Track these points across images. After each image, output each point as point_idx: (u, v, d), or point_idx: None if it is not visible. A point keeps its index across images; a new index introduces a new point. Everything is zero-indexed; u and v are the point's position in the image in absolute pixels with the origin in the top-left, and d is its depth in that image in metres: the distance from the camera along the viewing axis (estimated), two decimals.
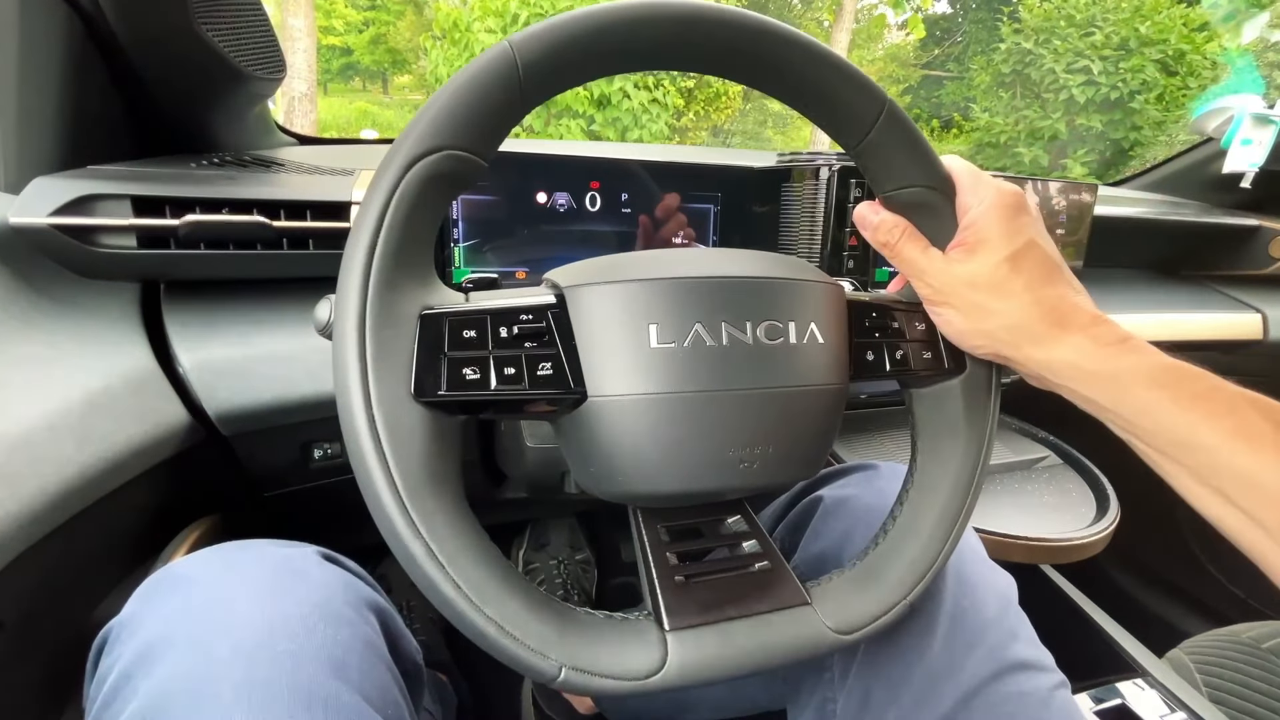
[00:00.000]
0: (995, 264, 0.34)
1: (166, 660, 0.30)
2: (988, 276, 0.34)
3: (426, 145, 0.28)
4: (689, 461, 0.32)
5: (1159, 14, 6.46)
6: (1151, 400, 0.31)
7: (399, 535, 0.27)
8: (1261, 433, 0.29)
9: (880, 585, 0.35)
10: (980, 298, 0.35)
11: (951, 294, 0.36)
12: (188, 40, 0.55)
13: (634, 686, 0.29)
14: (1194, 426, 0.30)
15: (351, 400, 0.27)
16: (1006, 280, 0.34)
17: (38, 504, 0.37)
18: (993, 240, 0.35)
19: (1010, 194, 0.35)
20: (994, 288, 0.34)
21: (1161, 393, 0.31)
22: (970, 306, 0.35)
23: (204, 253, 0.51)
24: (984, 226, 0.35)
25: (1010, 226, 0.35)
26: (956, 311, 0.36)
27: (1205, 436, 0.30)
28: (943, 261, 0.36)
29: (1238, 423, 0.29)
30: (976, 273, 0.35)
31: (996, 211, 0.35)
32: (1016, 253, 0.34)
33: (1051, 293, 0.34)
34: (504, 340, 0.30)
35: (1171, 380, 0.31)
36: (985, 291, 0.35)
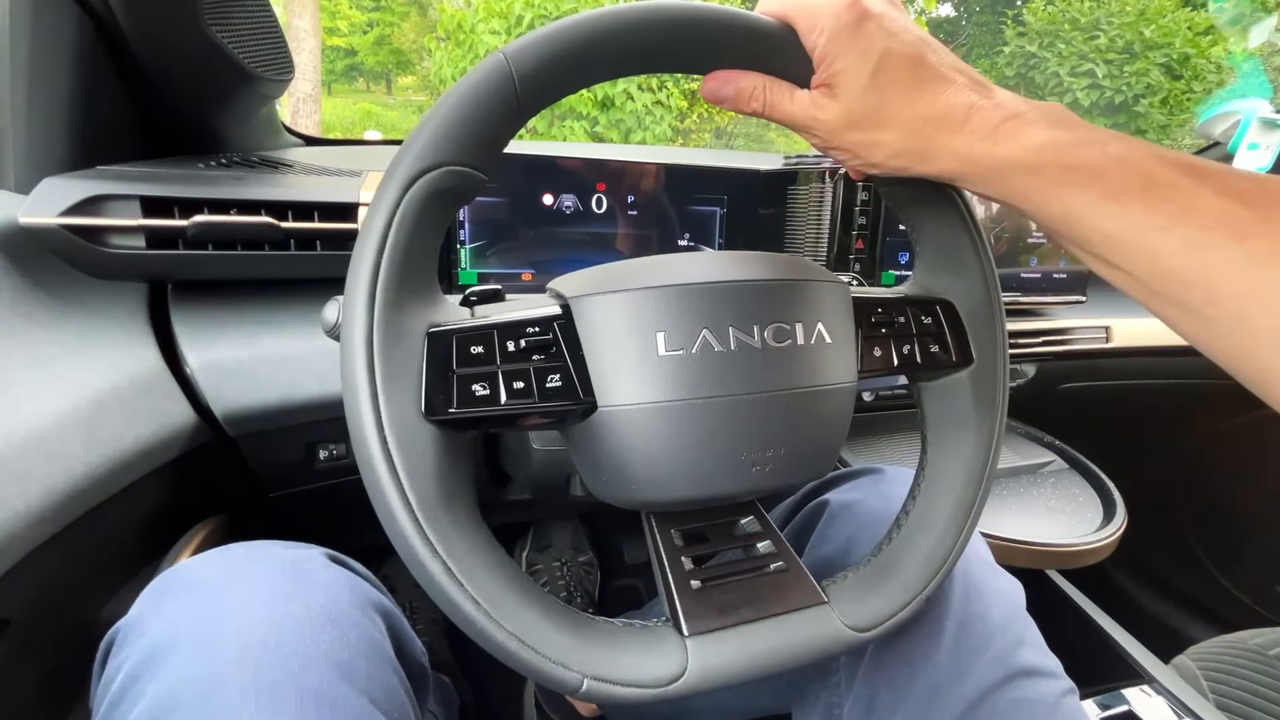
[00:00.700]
0: (859, 94, 0.32)
1: (173, 662, 0.30)
2: (858, 111, 0.33)
3: (425, 162, 0.28)
4: (701, 467, 0.31)
5: (1164, 17, 6.46)
6: (1029, 185, 0.31)
7: (416, 556, 0.27)
8: (1127, 189, 0.29)
9: (895, 581, 0.35)
10: (860, 135, 0.33)
11: (835, 137, 0.34)
12: (197, 41, 0.55)
13: (656, 694, 0.29)
14: (1067, 201, 0.30)
15: (363, 422, 0.27)
16: (876, 107, 0.32)
17: (45, 503, 0.37)
18: (848, 69, 0.32)
19: (845, 7, 0.32)
20: (867, 118, 0.33)
21: (1034, 177, 0.31)
22: (855, 145, 0.34)
23: (212, 253, 0.51)
24: (834, 57, 0.32)
25: (858, 46, 0.32)
26: (846, 153, 0.35)
27: (1078, 208, 0.30)
28: (812, 107, 0.34)
29: (1105, 186, 0.29)
30: (846, 109, 0.33)
31: (840, 36, 0.32)
32: (874, 72, 0.32)
33: (922, 102, 0.32)
34: (511, 354, 0.30)
35: (1042, 161, 0.31)
36: (861, 126, 0.33)
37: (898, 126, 0.33)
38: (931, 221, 0.37)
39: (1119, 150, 0.30)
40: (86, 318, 0.49)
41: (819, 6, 0.32)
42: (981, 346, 0.38)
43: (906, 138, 0.33)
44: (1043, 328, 0.81)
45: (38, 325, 0.46)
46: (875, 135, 0.33)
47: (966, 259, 0.38)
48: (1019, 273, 0.79)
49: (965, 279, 0.38)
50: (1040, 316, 0.83)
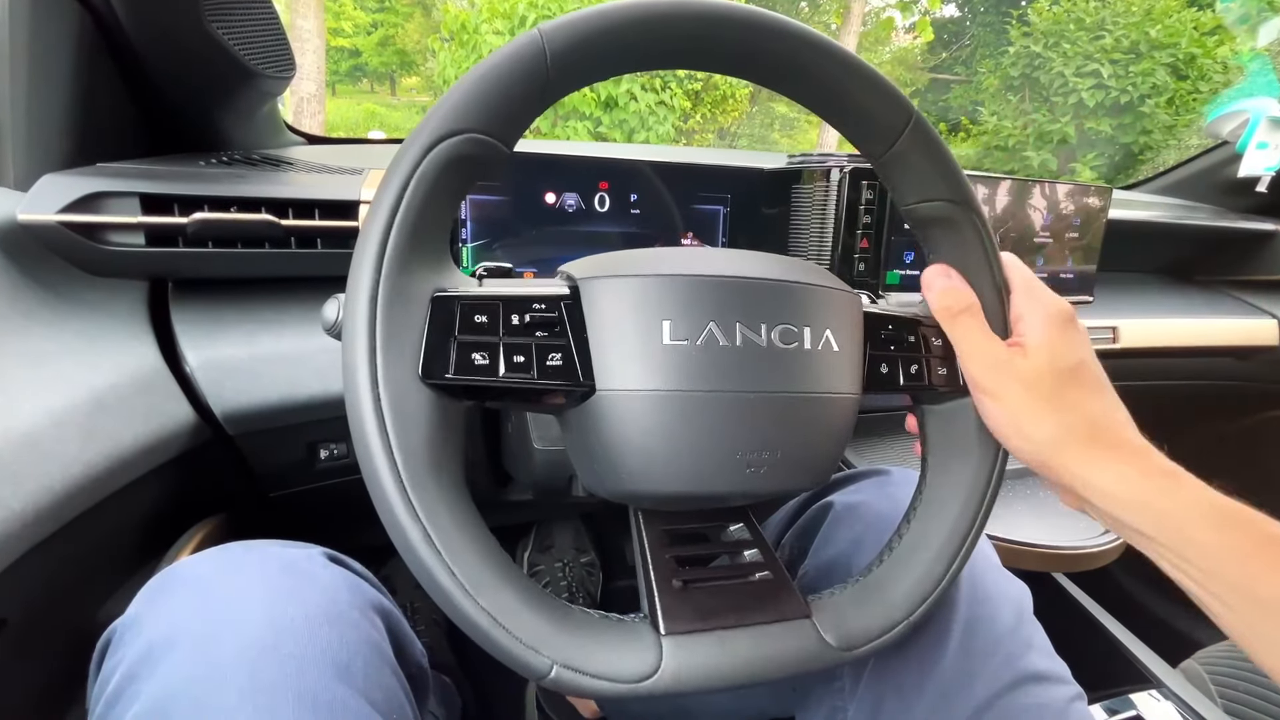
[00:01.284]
0: (1050, 372, 0.34)
1: (170, 662, 0.29)
2: (1042, 382, 0.34)
3: (449, 127, 0.28)
4: (696, 462, 0.31)
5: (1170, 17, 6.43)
6: (1211, 544, 0.30)
7: (398, 519, 0.27)
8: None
9: (884, 602, 0.35)
10: (1031, 401, 0.34)
11: (1003, 388, 0.35)
12: (198, 38, 0.55)
13: (626, 690, 0.29)
14: (1256, 578, 0.29)
15: (358, 378, 0.27)
16: (1061, 390, 0.34)
17: (43, 502, 0.37)
18: (1049, 349, 0.34)
19: (1066, 307, 0.36)
20: (1046, 395, 0.34)
21: (1222, 537, 0.30)
22: (1020, 407, 0.34)
23: (212, 251, 0.51)
24: (1042, 332, 0.35)
25: (1067, 338, 0.35)
26: (1003, 409, 0.35)
27: (1268, 589, 0.28)
28: (1002, 350, 0.35)
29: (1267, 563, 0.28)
30: (1032, 375, 0.34)
31: (1055, 321, 0.35)
32: (1071, 367, 0.34)
33: (1100, 412, 0.34)
34: (515, 328, 0.29)
35: (1232, 524, 0.30)
36: (1037, 396, 0.34)
37: (1071, 416, 0.34)
38: (950, 243, 0.37)
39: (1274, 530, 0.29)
40: (86, 315, 0.49)
41: (1041, 290, 0.36)
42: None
43: (1074, 429, 0.34)
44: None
45: (37, 323, 0.45)
46: (1046, 410, 0.34)
47: (982, 283, 0.37)
48: None
49: (980, 303, 0.37)
50: None
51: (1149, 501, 0.32)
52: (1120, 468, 0.33)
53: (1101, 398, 0.35)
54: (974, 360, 0.36)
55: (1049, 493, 0.73)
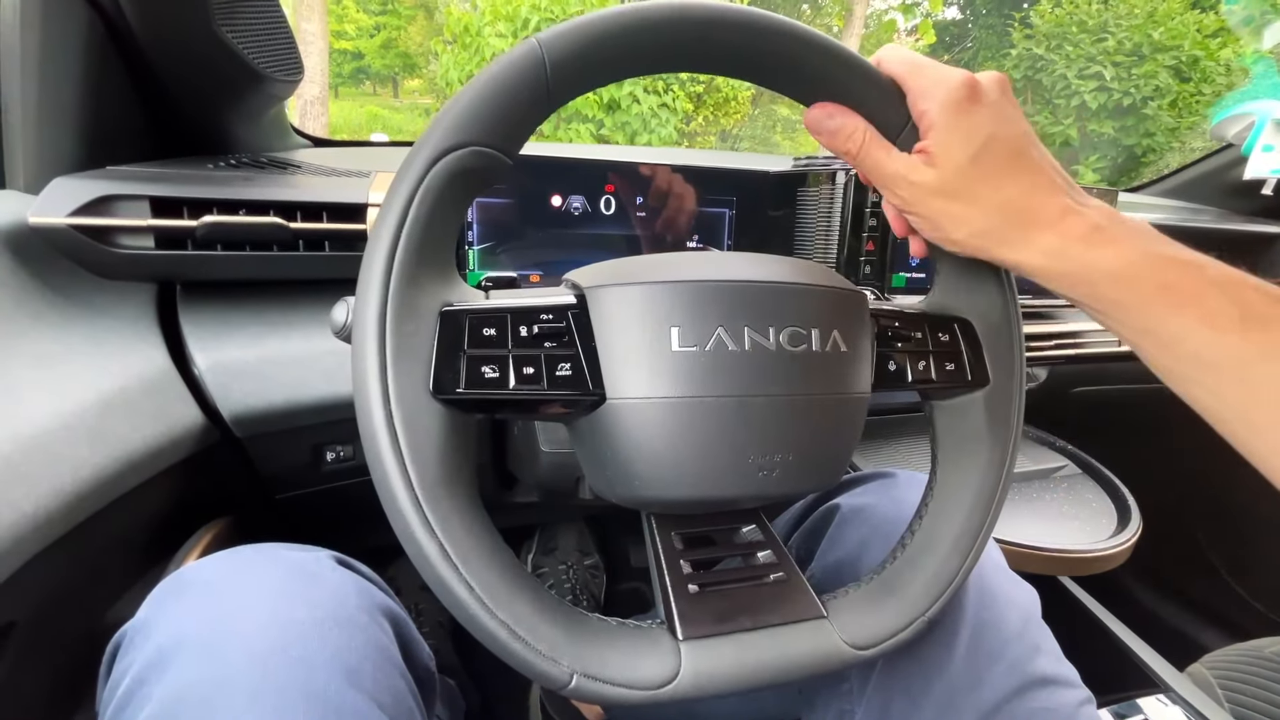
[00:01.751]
0: (956, 168, 0.33)
1: (180, 666, 0.29)
2: (951, 184, 0.33)
3: (452, 141, 0.28)
4: (707, 467, 0.31)
5: (1172, 20, 6.42)
6: (1118, 296, 0.31)
7: (413, 534, 0.27)
8: (1226, 315, 0.29)
9: (898, 600, 0.35)
10: (946, 206, 0.34)
11: (920, 203, 0.35)
12: (207, 41, 0.55)
13: (646, 696, 0.29)
14: (1160, 319, 0.31)
15: (370, 396, 0.27)
16: (970, 185, 0.33)
17: (53, 505, 0.37)
18: (950, 143, 0.33)
19: (961, 85, 0.32)
20: (958, 194, 0.33)
21: (1127, 288, 0.31)
22: (938, 215, 0.34)
23: (221, 254, 0.51)
24: (939, 128, 0.33)
25: (966, 124, 0.32)
26: (926, 220, 0.35)
27: (1173, 327, 0.30)
28: (906, 168, 0.34)
29: (1202, 310, 0.30)
30: (939, 181, 0.33)
31: (950, 109, 0.32)
32: (976, 153, 0.33)
33: (1017, 190, 0.33)
34: (524, 339, 0.29)
35: (1138, 274, 0.31)
36: (950, 199, 0.34)
37: (987, 207, 0.33)
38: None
39: (1217, 275, 0.30)
40: (95, 318, 0.49)
41: (935, 76, 0.33)
42: (998, 368, 0.37)
43: (993, 220, 0.33)
44: (1055, 331, 0.80)
45: (46, 325, 0.45)
46: (962, 210, 0.33)
47: (986, 279, 0.37)
48: None
49: (985, 299, 0.38)
50: (1052, 320, 0.82)
51: (1067, 269, 0.32)
52: (1043, 240, 0.33)
53: (1020, 174, 0.33)
54: (886, 186, 0.35)
55: (1054, 496, 0.74)
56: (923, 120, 0.34)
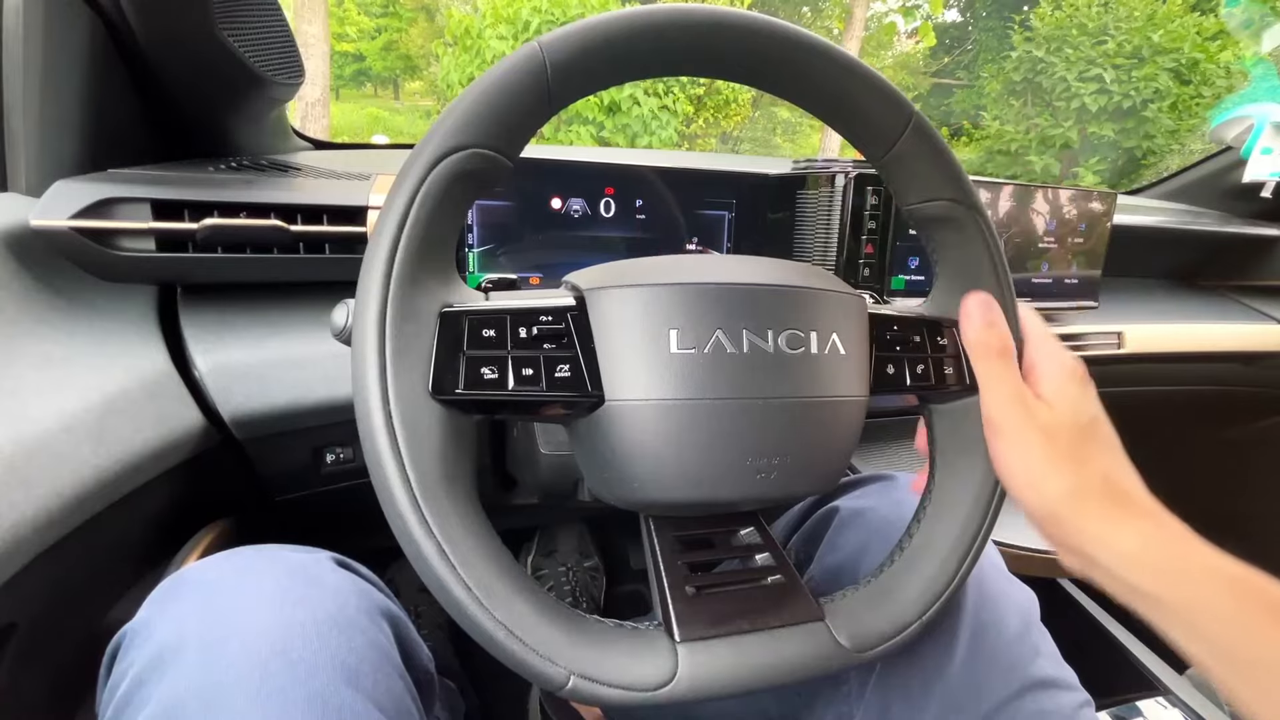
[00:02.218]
0: (1072, 425, 0.33)
1: (180, 667, 0.29)
2: (1064, 434, 0.33)
3: (452, 143, 0.28)
4: (706, 470, 0.31)
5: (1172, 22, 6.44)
6: (1228, 609, 0.28)
7: (411, 534, 0.27)
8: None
9: (895, 603, 0.35)
10: (1050, 452, 0.33)
11: (1023, 435, 0.33)
12: (208, 44, 0.55)
13: (643, 698, 0.29)
14: (1273, 645, 0.27)
15: (369, 396, 0.27)
16: (1078, 445, 0.33)
17: (54, 507, 0.37)
18: (1070, 402, 0.34)
19: (1080, 364, 0.35)
20: (1066, 448, 0.33)
21: (1240, 602, 0.28)
22: (1037, 456, 0.33)
23: (221, 256, 0.51)
24: (1060, 384, 0.34)
25: (1083, 393, 0.34)
26: (1020, 456, 0.34)
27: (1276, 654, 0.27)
28: (1030, 398, 0.34)
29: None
30: (1055, 425, 0.33)
31: (1071, 375, 0.35)
32: (1088, 422, 0.34)
33: (1116, 471, 0.33)
34: (523, 341, 0.30)
35: (1251, 589, 0.28)
36: (1057, 448, 0.33)
37: (1085, 471, 0.33)
38: (953, 243, 0.37)
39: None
40: (96, 320, 0.49)
41: (1056, 343, 0.36)
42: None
43: (1086, 487, 0.32)
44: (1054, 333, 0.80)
45: (48, 327, 0.46)
46: (1061, 463, 0.33)
47: (986, 282, 0.37)
48: (1030, 278, 0.79)
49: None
50: (1052, 322, 0.82)
51: (1165, 566, 0.30)
52: (1139, 526, 0.31)
53: (1116, 456, 0.34)
54: (998, 402, 0.34)
55: None
56: (1036, 370, 0.36)
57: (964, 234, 0.36)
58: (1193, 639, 0.29)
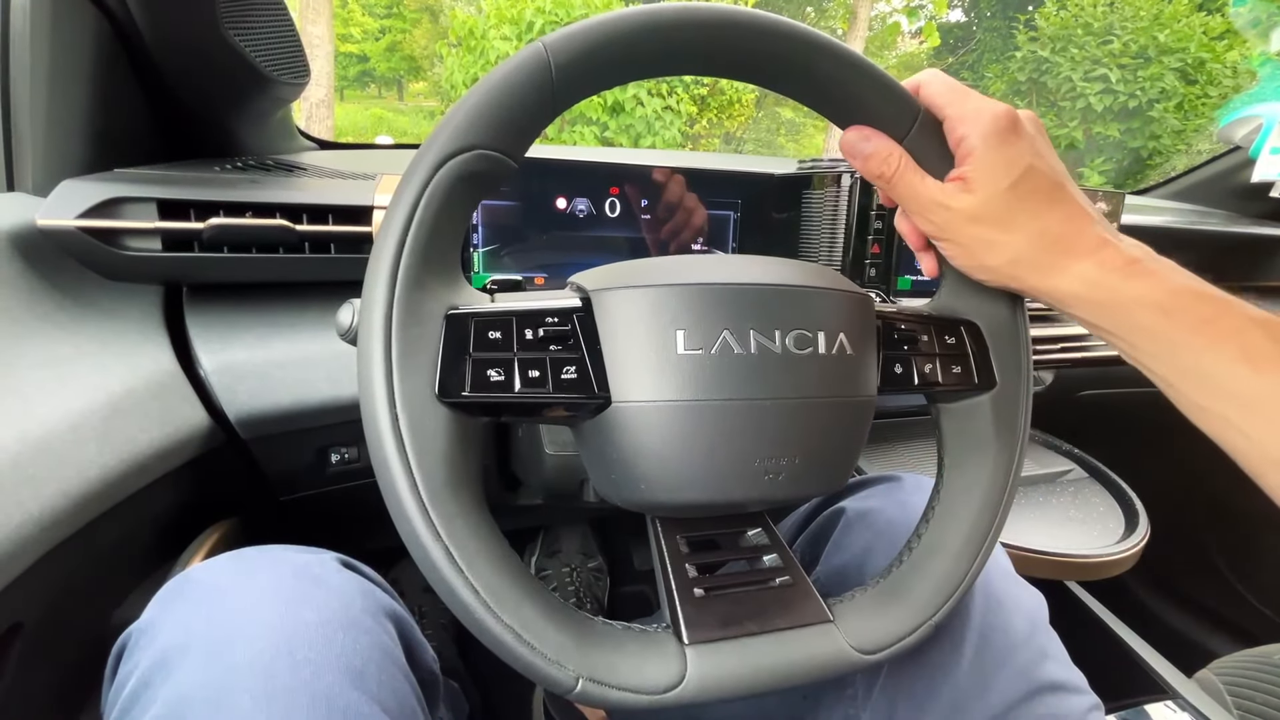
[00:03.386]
0: (995, 195, 0.33)
1: (185, 667, 0.29)
2: (989, 210, 0.33)
3: (457, 144, 0.28)
4: (713, 471, 0.31)
5: (1178, 22, 6.41)
6: (1156, 327, 0.31)
7: (419, 538, 0.27)
8: (1266, 354, 0.29)
9: (904, 604, 0.34)
10: (983, 232, 0.34)
11: (954, 230, 0.35)
12: (214, 44, 0.56)
13: (651, 700, 0.28)
14: (1199, 353, 0.30)
15: (375, 399, 0.27)
16: (1008, 212, 0.33)
17: (60, 506, 0.37)
18: (991, 170, 0.33)
19: (1003, 116, 0.33)
20: (996, 221, 0.33)
21: (1167, 319, 0.31)
22: (973, 241, 0.34)
23: (227, 256, 0.51)
24: (980, 156, 0.33)
25: (1007, 153, 0.33)
26: (960, 247, 0.35)
27: (1209, 363, 0.30)
28: (942, 194, 0.34)
29: (1242, 345, 0.29)
30: (977, 207, 0.33)
31: (992, 139, 0.33)
32: (1016, 181, 0.33)
33: (1054, 219, 0.33)
34: (529, 342, 0.29)
35: (1178, 306, 0.31)
36: (987, 225, 0.34)
37: (1024, 234, 0.33)
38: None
39: (1256, 313, 0.30)
40: (102, 320, 0.49)
41: (977, 106, 0.34)
42: (1005, 371, 0.37)
43: (1030, 247, 0.33)
44: (1061, 334, 0.80)
45: (54, 327, 0.46)
46: (999, 236, 0.33)
47: None
48: None
49: (991, 301, 0.37)
50: (1058, 322, 0.82)
51: (1104, 298, 0.32)
52: (1080, 269, 0.32)
53: (1057, 205, 0.33)
54: (920, 212, 0.35)
55: (1061, 500, 0.73)
56: (960, 146, 0.34)
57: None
58: (1139, 356, 0.33)
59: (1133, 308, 0.32)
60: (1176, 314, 0.31)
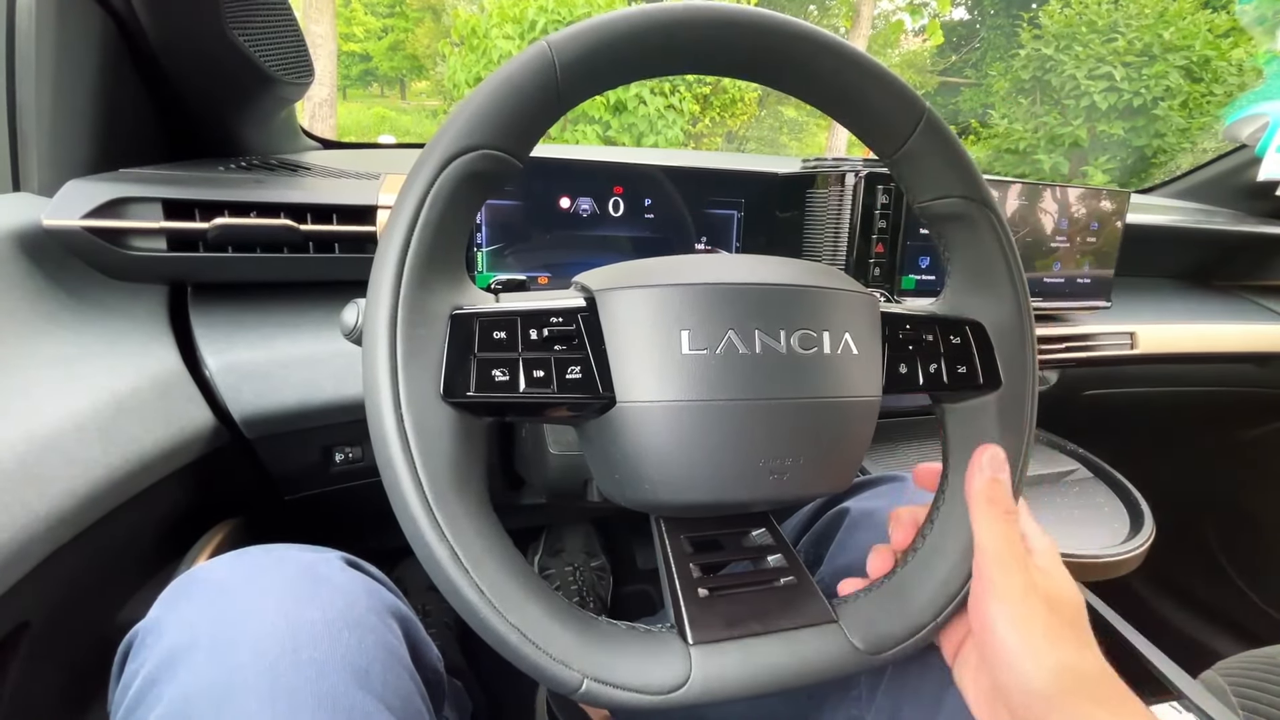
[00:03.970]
0: (1072, 601, 0.32)
1: (190, 666, 0.29)
2: (1066, 608, 0.32)
3: (462, 144, 0.28)
4: (718, 471, 0.31)
5: (1183, 20, 6.38)
6: None
7: (424, 538, 0.27)
8: None
9: (910, 605, 0.34)
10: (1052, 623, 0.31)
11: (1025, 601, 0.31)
12: (218, 44, 0.56)
13: (656, 701, 0.28)
14: None
15: (380, 399, 0.27)
16: (1079, 622, 0.32)
17: (66, 506, 0.37)
18: (1066, 578, 0.33)
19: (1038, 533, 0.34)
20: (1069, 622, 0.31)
21: None
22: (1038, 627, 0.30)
23: (232, 255, 0.52)
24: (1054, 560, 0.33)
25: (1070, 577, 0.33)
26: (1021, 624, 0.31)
27: None
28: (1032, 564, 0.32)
29: None
30: (1059, 597, 0.32)
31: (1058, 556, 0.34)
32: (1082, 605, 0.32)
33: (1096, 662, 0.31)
34: (533, 342, 0.29)
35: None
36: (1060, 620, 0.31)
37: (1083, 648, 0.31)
38: (966, 240, 0.37)
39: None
40: (108, 319, 0.49)
41: None
42: (1010, 371, 0.37)
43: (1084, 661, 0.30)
44: (1066, 334, 0.80)
45: (60, 326, 0.46)
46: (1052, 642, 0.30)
47: (999, 281, 0.37)
48: (1042, 278, 0.78)
49: (997, 301, 0.37)
50: (1063, 322, 0.82)
51: None
52: None
53: (1095, 646, 0.31)
54: (1000, 562, 0.32)
55: (1065, 500, 0.73)
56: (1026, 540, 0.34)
57: (977, 232, 0.36)
58: None
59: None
60: None
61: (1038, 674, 0.29)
